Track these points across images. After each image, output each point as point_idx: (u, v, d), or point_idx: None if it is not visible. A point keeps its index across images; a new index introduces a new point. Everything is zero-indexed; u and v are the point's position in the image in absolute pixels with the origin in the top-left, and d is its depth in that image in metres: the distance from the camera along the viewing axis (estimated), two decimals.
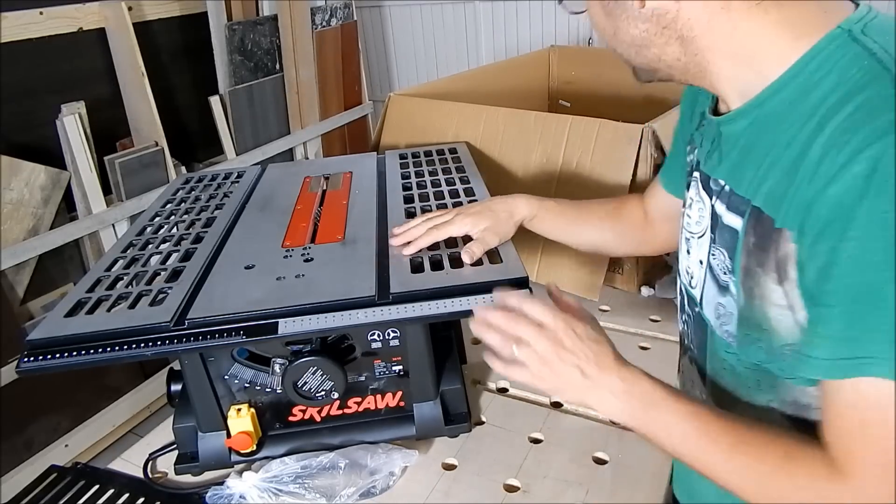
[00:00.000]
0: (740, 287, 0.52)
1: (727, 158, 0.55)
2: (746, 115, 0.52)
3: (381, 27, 3.25)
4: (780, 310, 0.49)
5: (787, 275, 0.47)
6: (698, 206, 0.60)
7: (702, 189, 0.59)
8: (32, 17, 1.68)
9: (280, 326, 0.62)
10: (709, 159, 0.58)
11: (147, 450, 0.79)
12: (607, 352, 0.54)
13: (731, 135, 0.55)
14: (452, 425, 0.76)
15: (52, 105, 1.72)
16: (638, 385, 0.53)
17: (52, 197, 1.74)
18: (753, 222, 0.50)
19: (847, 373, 0.42)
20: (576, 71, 1.68)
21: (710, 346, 0.60)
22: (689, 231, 0.62)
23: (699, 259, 0.59)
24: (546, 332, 0.54)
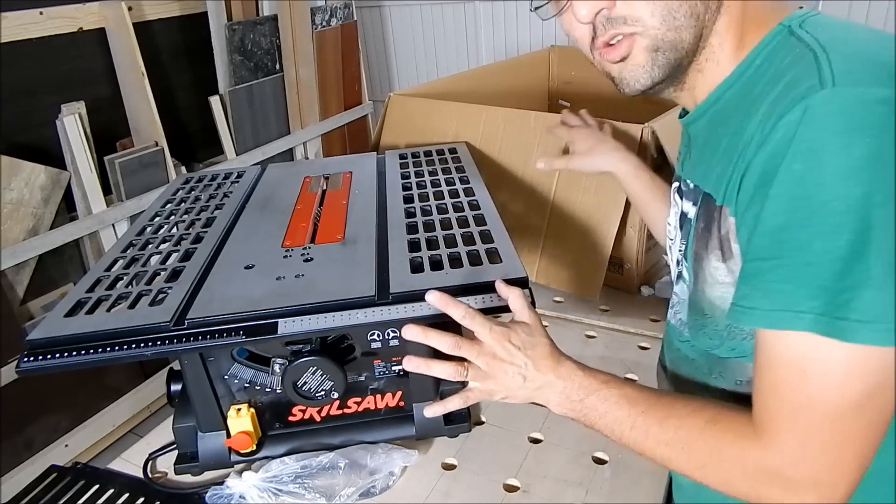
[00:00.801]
0: (691, 272, 0.56)
1: (693, 157, 0.59)
2: (704, 113, 0.55)
3: (381, 27, 3.25)
4: (723, 288, 0.51)
5: (730, 252, 0.50)
6: (674, 211, 0.63)
7: (675, 193, 0.62)
8: (32, 17, 1.68)
9: (280, 326, 0.62)
10: (684, 163, 0.61)
11: (147, 450, 0.79)
12: (544, 354, 0.57)
13: (695, 135, 0.58)
14: (452, 425, 0.76)
15: (52, 105, 1.72)
16: (572, 379, 0.56)
17: (52, 197, 1.74)
18: (703, 208, 0.53)
19: (783, 324, 0.43)
20: (576, 71, 1.68)
21: (667, 337, 0.64)
22: (669, 238, 0.65)
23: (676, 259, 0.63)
24: (484, 348, 0.57)
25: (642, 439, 0.52)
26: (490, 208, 0.82)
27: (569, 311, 1.02)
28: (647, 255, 1.05)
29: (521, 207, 1.08)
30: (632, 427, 0.52)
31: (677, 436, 0.49)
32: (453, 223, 0.79)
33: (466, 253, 0.71)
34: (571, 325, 0.99)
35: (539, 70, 1.70)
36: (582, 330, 0.97)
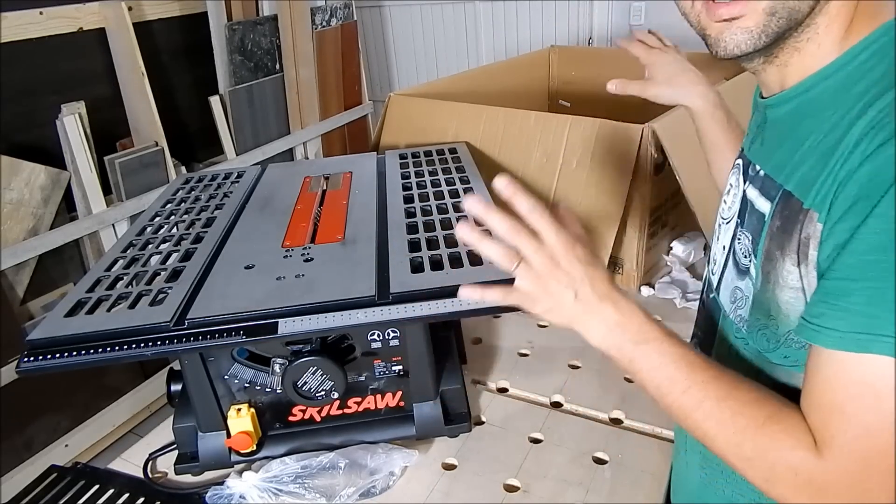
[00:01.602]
0: (759, 270, 0.52)
1: (767, 143, 0.55)
2: (790, 99, 0.52)
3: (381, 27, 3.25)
4: (793, 293, 0.48)
5: (806, 256, 0.47)
6: (734, 192, 0.59)
7: (741, 175, 0.59)
8: (32, 17, 1.68)
9: (280, 326, 0.62)
10: (752, 145, 0.58)
11: (147, 450, 0.79)
12: (604, 278, 0.52)
13: (775, 119, 0.54)
14: (452, 425, 0.76)
15: (52, 105, 1.72)
16: (633, 319, 0.51)
17: (52, 197, 1.74)
18: (781, 206, 0.50)
19: (863, 347, 0.41)
20: (576, 71, 1.68)
21: (720, 331, 0.59)
22: (721, 217, 0.62)
23: (723, 244, 0.60)
24: (545, 248, 0.51)
25: (691, 409, 0.49)
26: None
27: None
28: (647, 255, 1.05)
29: None
30: (684, 392, 0.49)
31: (732, 420, 0.47)
32: (454, 223, 0.79)
33: (467, 253, 0.71)
34: None
35: (539, 70, 1.70)
36: None
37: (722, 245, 0.60)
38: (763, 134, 0.56)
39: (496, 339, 0.97)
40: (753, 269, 0.53)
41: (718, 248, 0.61)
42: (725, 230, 0.60)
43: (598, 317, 0.52)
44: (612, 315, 0.51)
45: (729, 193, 0.61)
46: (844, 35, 0.48)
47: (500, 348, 0.94)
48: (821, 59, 0.49)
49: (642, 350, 0.51)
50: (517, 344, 0.95)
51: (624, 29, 2.78)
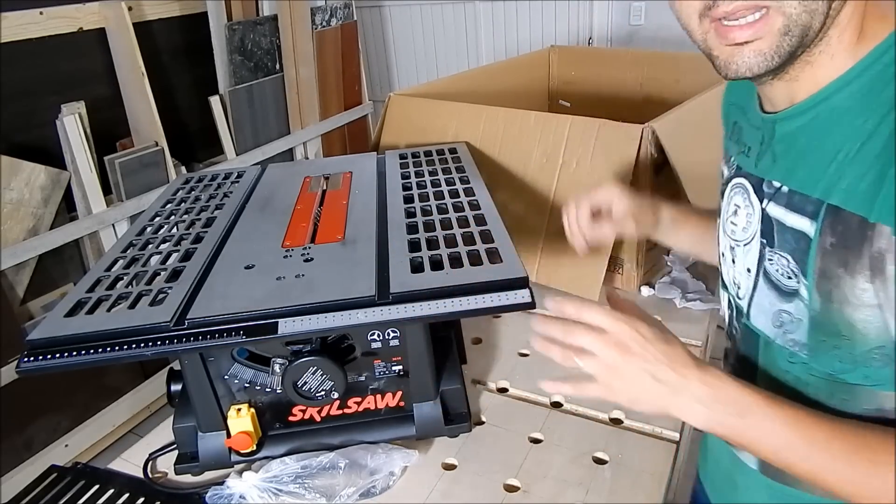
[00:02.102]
0: (813, 291, 0.49)
1: (783, 158, 0.53)
2: (806, 111, 0.50)
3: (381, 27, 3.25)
4: (869, 311, 0.46)
5: (882, 272, 0.44)
6: (746, 213, 0.57)
7: (752, 194, 0.56)
8: (32, 17, 1.69)
9: (280, 326, 0.62)
10: (759, 161, 0.56)
11: (147, 450, 0.79)
12: (680, 353, 0.50)
13: (787, 133, 0.52)
14: (452, 425, 0.76)
15: (52, 105, 1.72)
16: (724, 389, 0.48)
17: (52, 197, 1.74)
18: (831, 222, 0.47)
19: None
20: (576, 71, 1.68)
21: (765, 358, 0.56)
22: (733, 239, 0.59)
23: (746, 267, 0.57)
24: (608, 337, 0.50)
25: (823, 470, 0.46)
26: (490, 208, 0.82)
27: None
28: (647, 255, 1.05)
29: (521, 207, 1.08)
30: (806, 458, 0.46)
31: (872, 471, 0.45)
32: (453, 223, 0.79)
33: (467, 253, 0.71)
34: None
35: (539, 70, 1.70)
36: None
37: (744, 268, 0.57)
38: (772, 149, 0.54)
39: (496, 339, 0.97)
40: (805, 289, 0.50)
41: (738, 271, 0.58)
42: (744, 252, 0.57)
43: (687, 395, 0.49)
44: (701, 390, 0.48)
45: (738, 214, 0.58)
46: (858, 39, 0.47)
47: (500, 348, 0.94)
48: (834, 68, 0.48)
49: (749, 421, 0.48)
50: (517, 344, 0.95)
51: (624, 29, 2.78)
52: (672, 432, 0.76)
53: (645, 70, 1.54)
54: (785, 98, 0.52)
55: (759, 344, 0.56)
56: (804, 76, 0.50)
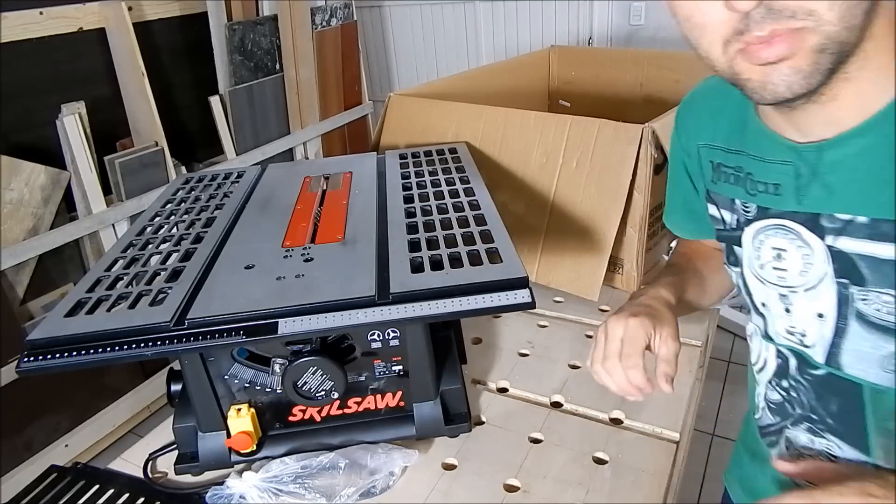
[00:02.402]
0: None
1: (847, 187, 0.48)
2: (868, 131, 0.46)
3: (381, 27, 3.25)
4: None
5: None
6: (801, 254, 0.52)
7: (806, 233, 0.51)
8: (32, 17, 1.69)
9: (280, 326, 0.62)
10: (802, 196, 0.51)
11: (147, 450, 0.79)
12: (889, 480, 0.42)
13: (844, 159, 0.47)
14: (452, 425, 0.76)
15: (52, 105, 1.72)
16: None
17: (52, 197, 1.74)
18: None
19: None
20: (576, 71, 1.68)
21: (876, 409, 0.51)
22: (785, 286, 0.54)
23: (816, 313, 0.52)
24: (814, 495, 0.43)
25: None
26: (490, 208, 0.82)
27: (569, 311, 1.02)
28: (647, 255, 1.05)
29: (521, 207, 1.08)
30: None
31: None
32: (453, 223, 0.79)
33: (467, 253, 0.71)
34: (571, 325, 0.99)
35: (539, 70, 1.70)
36: (582, 330, 0.97)
37: (812, 314, 0.52)
38: (822, 180, 0.49)
39: (496, 339, 0.97)
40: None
41: (799, 318, 0.53)
42: (808, 297, 0.52)
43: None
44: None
45: (784, 258, 0.53)
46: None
47: (500, 348, 0.94)
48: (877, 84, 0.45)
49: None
50: (517, 344, 0.95)
51: (624, 29, 2.78)
52: (672, 432, 0.76)
53: (645, 70, 1.54)
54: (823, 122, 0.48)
55: (864, 395, 0.51)
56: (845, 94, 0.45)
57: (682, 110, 0.69)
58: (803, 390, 0.57)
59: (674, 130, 0.71)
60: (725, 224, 0.61)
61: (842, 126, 0.47)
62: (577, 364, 0.89)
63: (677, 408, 0.80)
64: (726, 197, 0.59)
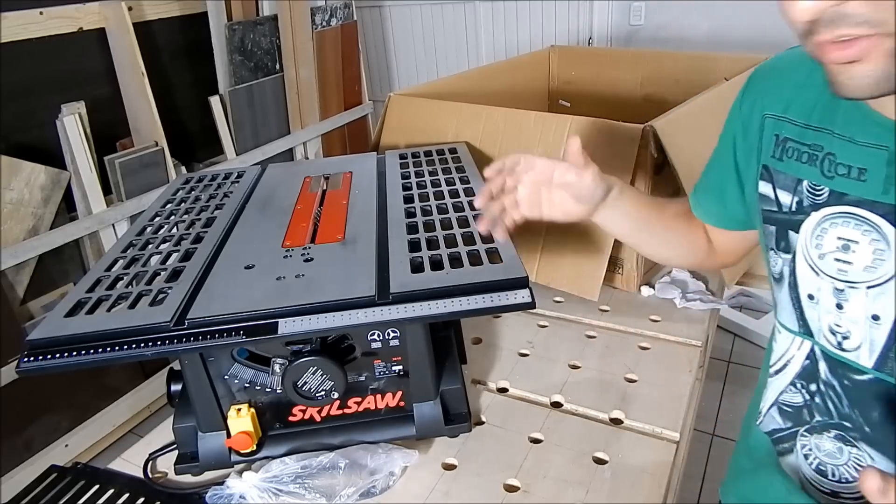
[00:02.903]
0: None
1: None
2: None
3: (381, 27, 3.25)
4: None
5: None
6: (872, 249, 0.49)
7: (889, 226, 0.48)
8: (32, 17, 1.69)
9: (280, 326, 0.62)
10: (891, 185, 0.48)
11: (147, 450, 0.79)
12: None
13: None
14: (452, 425, 0.76)
15: (52, 105, 1.72)
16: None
17: (52, 197, 1.74)
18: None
19: None
20: (576, 71, 1.68)
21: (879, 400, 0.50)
22: (845, 281, 0.51)
23: (871, 314, 0.50)
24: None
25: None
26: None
27: (569, 311, 1.02)
28: None
29: None
30: None
31: None
32: (453, 223, 0.79)
33: (467, 253, 0.71)
34: (571, 325, 0.99)
35: (539, 70, 1.70)
36: (582, 330, 0.97)
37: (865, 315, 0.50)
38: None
39: (496, 339, 0.97)
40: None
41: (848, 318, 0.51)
42: (869, 296, 0.50)
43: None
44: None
45: (851, 251, 0.50)
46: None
47: (500, 348, 0.94)
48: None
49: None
50: (517, 344, 0.95)
51: (624, 29, 2.78)
52: (672, 432, 0.76)
53: (645, 70, 1.54)
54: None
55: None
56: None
57: (757, 77, 0.63)
58: (834, 396, 0.55)
59: (738, 98, 0.65)
60: (781, 206, 0.57)
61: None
62: (578, 364, 0.89)
63: (677, 408, 0.80)
64: (791, 176, 0.55)
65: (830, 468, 0.57)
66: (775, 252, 0.58)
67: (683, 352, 0.90)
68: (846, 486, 0.56)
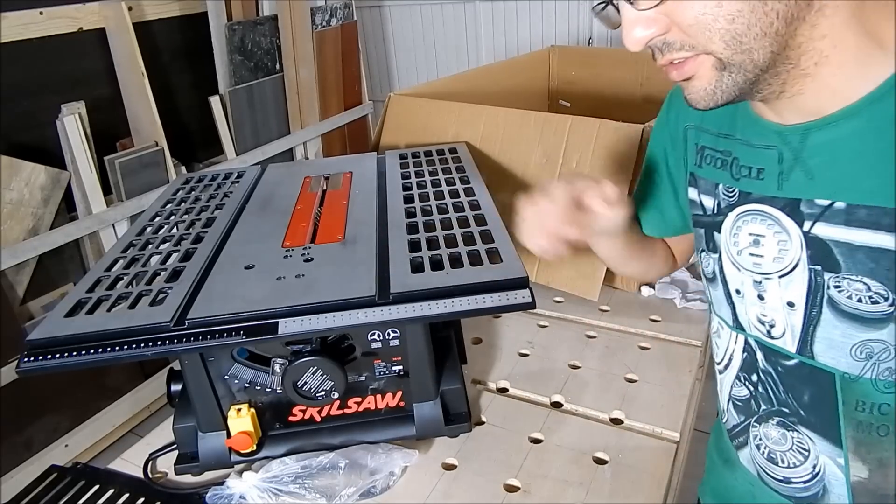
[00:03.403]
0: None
1: (827, 171, 0.48)
2: (856, 114, 0.46)
3: (381, 27, 3.25)
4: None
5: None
6: (776, 240, 0.52)
7: (784, 218, 0.51)
8: (32, 17, 1.69)
9: (280, 326, 0.62)
10: (784, 181, 0.51)
11: (147, 450, 0.79)
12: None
13: (827, 143, 0.48)
14: (452, 425, 0.76)
15: (52, 105, 1.72)
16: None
17: (52, 197, 1.74)
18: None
19: None
20: (576, 71, 1.68)
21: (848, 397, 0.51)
22: (760, 273, 0.54)
23: (786, 301, 0.52)
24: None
25: None
26: (490, 208, 0.82)
27: (569, 311, 1.02)
28: None
29: None
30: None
31: None
32: (454, 223, 0.79)
33: (467, 253, 0.71)
34: (571, 325, 0.99)
35: (539, 70, 1.70)
36: (582, 330, 0.97)
37: (781, 302, 0.53)
38: (803, 164, 0.50)
39: (496, 339, 0.97)
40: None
41: (770, 307, 0.54)
42: (781, 284, 0.52)
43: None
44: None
45: (761, 244, 0.53)
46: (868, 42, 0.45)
47: (500, 348, 0.94)
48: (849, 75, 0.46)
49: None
50: (517, 344, 0.95)
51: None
52: (672, 432, 0.76)
53: (645, 70, 1.54)
54: (796, 112, 0.49)
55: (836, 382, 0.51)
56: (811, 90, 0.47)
57: (676, 91, 0.68)
58: (772, 383, 0.57)
59: (661, 114, 0.70)
60: (705, 209, 0.61)
61: (823, 111, 0.48)
62: (578, 364, 0.89)
63: (677, 408, 0.80)
64: (710, 181, 0.60)
65: (779, 455, 0.59)
66: (706, 252, 0.62)
67: (683, 352, 0.90)
68: (794, 472, 0.58)
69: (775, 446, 0.59)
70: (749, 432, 0.62)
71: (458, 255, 0.71)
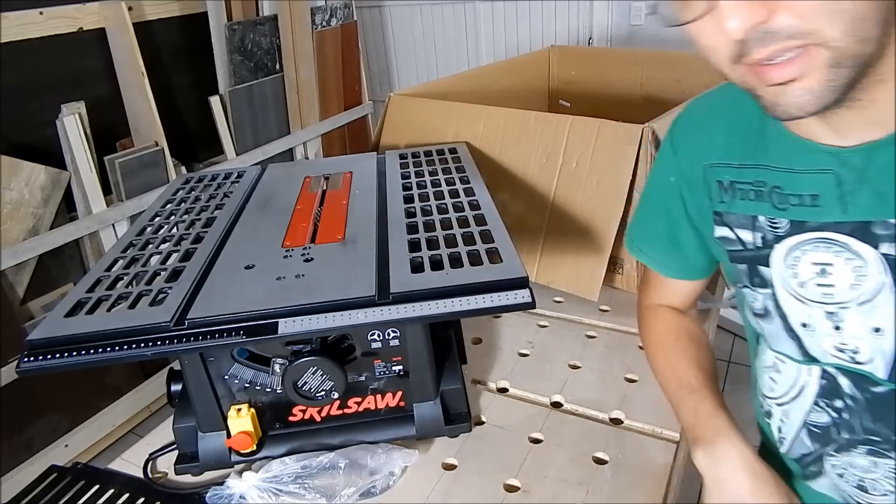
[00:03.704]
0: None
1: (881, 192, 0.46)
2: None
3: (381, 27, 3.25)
4: None
5: None
6: (850, 267, 0.49)
7: (856, 243, 0.48)
8: (32, 17, 1.69)
9: (280, 326, 0.62)
10: (848, 204, 0.48)
11: (147, 450, 0.79)
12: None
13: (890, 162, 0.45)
14: (452, 425, 0.76)
15: (52, 105, 1.72)
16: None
17: (52, 197, 1.74)
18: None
19: None
20: (576, 71, 1.68)
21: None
22: (833, 303, 0.51)
23: (873, 327, 0.50)
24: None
25: None
26: (490, 208, 0.82)
27: (569, 311, 1.02)
28: None
29: (521, 207, 1.08)
30: None
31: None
32: (453, 223, 0.79)
33: (467, 253, 0.71)
34: (571, 325, 0.99)
35: (539, 70, 1.70)
36: (582, 330, 0.97)
37: (867, 329, 0.50)
38: (870, 185, 0.47)
39: (496, 339, 0.97)
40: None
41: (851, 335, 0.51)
42: (863, 311, 0.50)
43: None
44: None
45: (829, 274, 0.50)
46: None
47: (500, 348, 0.94)
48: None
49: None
50: (517, 344, 0.95)
51: (624, 29, 2.78)
52: (672, 432, 0.76)
53: (645, 70, 1.54)
54: (863, 124, 0.46)
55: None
56: (883, 98, 0.44)
57: (680, 132, 0.65)
58: (859, 411, 0.54)
59: (665, 153, 0.67)
60: (745, 244, 0.57)
61: (888, 127, 0.45)
62: (578, 364, 0.89)
63: None
64: (745, 215, 0.56)
65: (869, 482, 0.56)
66: (751, 289, 0.58)
67: None
68: (887, 499, 0.56)
69: (865, 474, 0.56)
70: (824, 462, 0.59)
71: (457, 255, 0.71)
